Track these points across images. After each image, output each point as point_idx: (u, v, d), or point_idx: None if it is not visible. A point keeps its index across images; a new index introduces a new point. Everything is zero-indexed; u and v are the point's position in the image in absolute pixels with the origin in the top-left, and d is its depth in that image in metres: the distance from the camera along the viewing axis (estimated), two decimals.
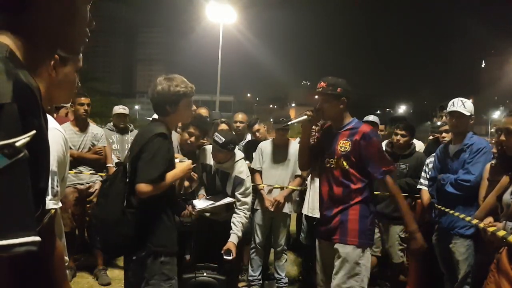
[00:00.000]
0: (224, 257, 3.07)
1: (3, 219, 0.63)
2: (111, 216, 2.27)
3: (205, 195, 3.45)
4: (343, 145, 2.64)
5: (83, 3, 0.88)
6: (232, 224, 3.23)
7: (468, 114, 3.17)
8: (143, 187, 2.21)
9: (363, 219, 2.61)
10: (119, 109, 5.09)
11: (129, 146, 3.27)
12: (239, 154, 3.43)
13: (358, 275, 2.56)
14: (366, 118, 4.89)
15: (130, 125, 5.19)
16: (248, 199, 3.36)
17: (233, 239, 3.16)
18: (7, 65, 0.69)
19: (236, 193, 3.33)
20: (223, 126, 4.00)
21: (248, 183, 3.38)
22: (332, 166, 2.68)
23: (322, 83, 2.68)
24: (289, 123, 3.47)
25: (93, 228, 2.34)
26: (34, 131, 0.67)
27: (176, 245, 2.40)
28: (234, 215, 3.29)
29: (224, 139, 3.19)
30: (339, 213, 2.64)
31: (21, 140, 0.64)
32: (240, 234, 3.20)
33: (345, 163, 2.62)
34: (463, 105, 3.18)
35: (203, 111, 4.61)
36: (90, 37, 0.92)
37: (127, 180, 2.31)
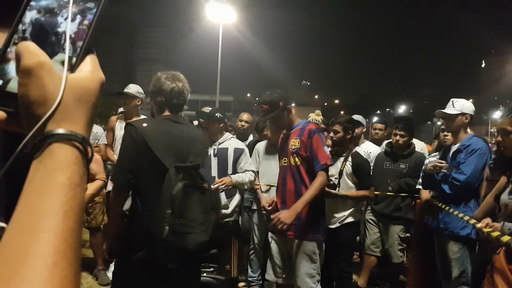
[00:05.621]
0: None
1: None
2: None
3: None
4: (293, 143, 2.96)
5: None
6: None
7: (457, 112, 3.20)
8: None
9: (315, 215, 2.92)
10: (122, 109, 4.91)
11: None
12: (229, 134, 3.58)
13: (315, 263, 2.90)
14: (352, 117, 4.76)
15: None
16: (253, 167, 3.51)
17: (232, 177, 3.29)
18: None
19: (240, 165, 3.41)
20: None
21: (248, 154, 3.56)
22: (286, 164, 3.01)
23: (264, 106, 2.99)
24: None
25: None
26: None
27: None
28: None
29: (209, 109, 3.51)
30: None
31: None
32: (239, 180, 3.30)
33: (297, 159, 2.93)
34: (452, 105, 3.24)
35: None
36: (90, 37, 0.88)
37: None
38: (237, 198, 3.45)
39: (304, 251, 2.89)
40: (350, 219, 3.60)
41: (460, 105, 3.24)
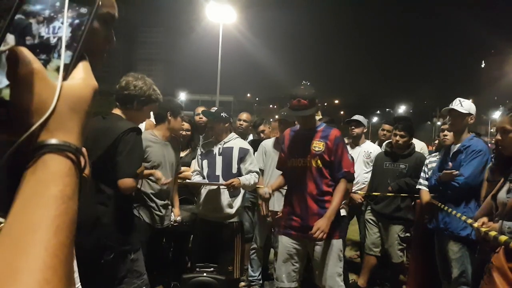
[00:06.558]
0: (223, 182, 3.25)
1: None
2: (88, 218, 2.15)
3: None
4: (317, 145, 2.88)
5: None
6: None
7: (465, 112, 3.20)
8: (129, 182, 2.18)
9: (339, 214, 2.94)
10: None
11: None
12: (234, 134, 3.57)
13: (341, 261, 2.95)
14: (354, 117, 4.74)
15: None
16: (257, 168, 3.50)
17: (241, 179, 3.28)
18: None
19: (244, 166, 3.38)
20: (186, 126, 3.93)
21: (253, 154, 3.55)
22: (305, 165, 2.90)
23: (302, 100, 2.80)
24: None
25: None
26: None
27: (139, 238, 2.43)
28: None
29: (215, 109, 3.54)
30: (318, 210, 2.85)
31: None
32: (247, 183, 3.30)
33: (319, 162, 2.87)
34: (460, 104, 3.22)
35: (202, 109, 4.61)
36: None
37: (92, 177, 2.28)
38: (240, 198, 3.44)
39: (334, 250, 2.88)
40: (342, 213, 3.69)
41: (468, 105, 3.24)
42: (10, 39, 0.46)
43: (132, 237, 2.33)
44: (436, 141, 4.91)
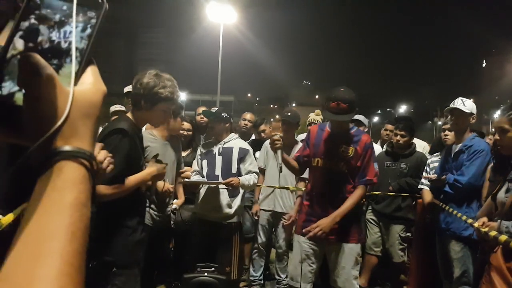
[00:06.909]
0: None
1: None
2: None
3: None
4: (346, 150, 2.81)
5: None
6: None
7: (468, 111, 3.20)
8: (102, 189, 1.97)
9: (358, 219, 2.99)
10: (115, 107, 5.05)
11: None
12: (234, 134, 3.56)
13: (358, 265, 2.96)
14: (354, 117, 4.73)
15: None
16: (257, 168, 3.50)
17: (240, 179, 3.29)
18: None
19: (244, 166, 3.38)
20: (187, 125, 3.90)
21: (252, 154, 3.55)
22: (330, 167, 2.84)
23: (342, 104, 2.65)
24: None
25: None
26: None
27: (134, 255, 2.18)
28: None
29: (216, 109, 3.59)
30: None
31: None
32: (246, 183, 3.31)
33: (345, 167, 2.81)
34: (463, 103, 3.23)
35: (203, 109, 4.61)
36: None
37: None
38: (239, 198, 3.44)
39: (352, 254, 2.88)
40: None
41: (470, 105, 3.25)
42: (19, 43, 0.45)
43: (119, 251, 2.09)
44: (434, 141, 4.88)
